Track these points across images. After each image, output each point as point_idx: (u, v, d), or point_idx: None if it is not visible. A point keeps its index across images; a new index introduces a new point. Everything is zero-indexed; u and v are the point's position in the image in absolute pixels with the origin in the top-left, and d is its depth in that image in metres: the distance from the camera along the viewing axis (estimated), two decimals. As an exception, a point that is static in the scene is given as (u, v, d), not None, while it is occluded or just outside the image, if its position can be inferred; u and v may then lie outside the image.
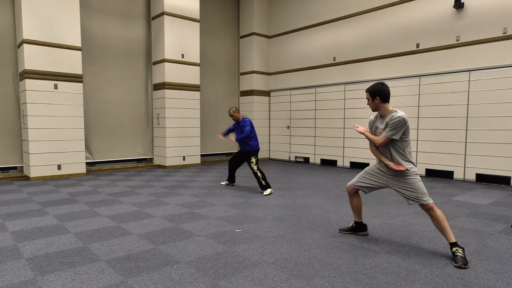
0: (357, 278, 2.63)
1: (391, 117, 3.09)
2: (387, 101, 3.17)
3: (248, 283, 2.54)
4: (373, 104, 3.20)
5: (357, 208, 3.56)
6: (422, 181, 3.16)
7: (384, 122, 3.16)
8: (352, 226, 3.67)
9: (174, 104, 9.06)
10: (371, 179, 3.36)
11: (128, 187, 6.35)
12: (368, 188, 3.41)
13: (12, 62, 7.42)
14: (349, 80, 9.01)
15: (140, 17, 9.18)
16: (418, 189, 3.08)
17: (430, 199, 3.08)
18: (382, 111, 3.20)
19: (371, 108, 3.25)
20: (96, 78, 8.46)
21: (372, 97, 3.19)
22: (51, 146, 7.24)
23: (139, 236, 3.60)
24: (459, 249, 2.93)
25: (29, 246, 3.30)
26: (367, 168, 3.44)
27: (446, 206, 4.95)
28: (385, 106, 3.18)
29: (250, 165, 5.88)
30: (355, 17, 8.82)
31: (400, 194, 3.21)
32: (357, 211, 3.57)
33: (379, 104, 3.18)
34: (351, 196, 3.55)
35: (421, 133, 7.67)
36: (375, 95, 3.16)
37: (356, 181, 3.46)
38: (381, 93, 3.14)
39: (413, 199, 3.11)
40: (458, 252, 2.91)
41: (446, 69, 7.26)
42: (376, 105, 3.19)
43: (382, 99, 3.15)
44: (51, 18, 7.11)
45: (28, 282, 2.56)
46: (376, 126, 3.27)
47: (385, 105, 3.17)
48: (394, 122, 3.05)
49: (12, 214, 4.46)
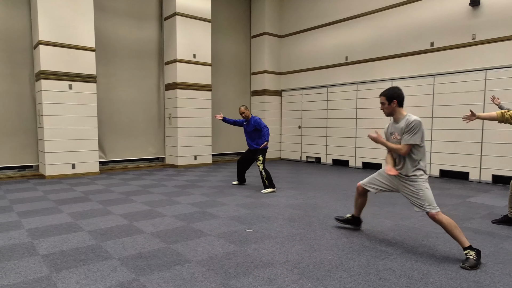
0: (369, 279, 2.60)
1: (406, 121, 3.07)
2: (402, 106, 3.17)
3: (259, 283, 2.54)
4: (389, 108, 3.18)
5: (360, 206, 3.69)
6: (430, 188, 3.11)
7: (399, 128, 3.12)
8: (348, 218, 3.82)
9: (186, 104, 9.12)
10: (383, 181, 3.38)
11: (140, 186, 6.42)
12: (379, 190, 3.45)
13: (29, 63, 7.59)
14: (361, 79, 8.92)
15: (152, 18, 9.27)
16: (424, 196, 3.04)
17: (435, 209, 3.00)
18: (397, 116, 3.18)
19: (386, 112, 3.22)
20: (109, 78, 8.58)
21: (389, 101, 3.16)
22: (65, 146, 7.37)
23: (151, 234, 3.63)
24: (471, 251, 2.88)
25: (44, 243, 3.36)
26: (381, 170, 3.44)
27: (461, 207, 4.85)
28: (400, 111, 3.17)
29: (257, 163, 5.95)
30: (368, 16, 8.73)
31: (408, 199, 3.21)
32: (359, 208, 3.70)
33: (396, 108, 3.16)
34: (359, 194, 3.64)
35: (435, 133, 7.54)
36: (392, 98, 3.14)
37: (368, 182, 3.50)
38: (399, 97, 3.13)
39: (418, 206, 3.09)
40: (470, 255, 2.86)
41: (462, 68, 7.12)
42: (393, 109, 3.17)
43: (399, 103, 3.14)
44: (66, 20, 7.24)
45: (43, 278, 2.61)
46: (391, 132, 3.24)
47: (400, 109, 3.17)
48: (411, 126, 3.01)
49: (28, 211, 4.55)
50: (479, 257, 2.87)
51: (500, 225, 4.02)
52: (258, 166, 5.95)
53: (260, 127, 6.01)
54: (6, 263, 2.88)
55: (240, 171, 6.48)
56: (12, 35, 7.35)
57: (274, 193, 5.75)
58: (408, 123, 3.04)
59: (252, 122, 6.07)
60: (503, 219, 4.05)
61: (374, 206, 4.87)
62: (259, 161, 5.92)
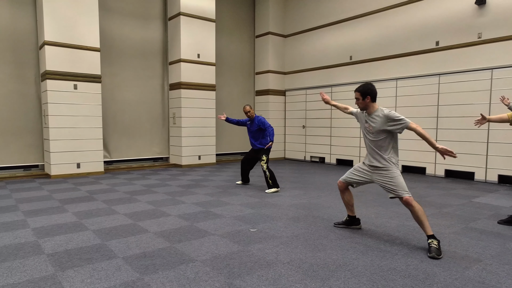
0: (374, 280, 2.59)
1: (383, 114, 3.30)
2: (375, 101, 3.45)
3: (262, 282, 2.54)
4: (363, 103, 3.44)
5: (348, 203, 3.81)
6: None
7: (375, 120, 3.37)
8: (346, 220, 3.90)
9: (190, 103, 9.13)
10: (358, 175, 3.63)
11: (144, 186, 6.44)
12: (356, 183, 3.67)
13: (34, 63, 7.64)
14: (365, 79, 8.88)
15: (156, 18, 9.30)
16: (397, 183, 3.29)
17: (407, 193, 3.24)
18: (370, 110, 3.45)
19: (360, 107, 3.51)
20: (114, 78, 8.62)
21: (363, 97, 3.42)
22: (70, 145, 7.42)
23: (155, 234, 3.64)
24: (434, 241, 3.11)
25: (49, 242, 3.39)
26: (355, 165, 3.74)
27: (467, 208, 4.81)
28: (373, 105, 3.44)
29: (260, 162, 5.96)
30: (372, 15, 8.69)
31: (382, 187, 3.43)
32: (349, 206, 3.82)
33: (369, 103, 3.42)
34: (342, 192, 3.81)
35: (440, 132, 7.49)
36: (366, 94, 3.40)
37: (346, 176, 3.74)
38: (372, 92, 3.40)
39: (392, 192, 3.32)
40: (433, 243, 3.09)
41: (467, 67, 7.07)
42: (366, 104, 3.43)
43: (372, 99, 3.41)
44: (71, 20, 7.28)
45: (48, 277, 2.63)
46: (366, 120, 3.49)
47: (373, 104, 3.44)
48: (392, 115, 3.26)
49: (33, 211, 4.59)
50: (440, 246, 3.10)
51: (506, 225, 3.99)
52: (261, 166, 5.93)
53: (265, 127, 6.00)
54: (12, 261, 2.91)
55: (244, 171, 6.49)
56: (18, 35, 7.41)
57: (278, 193, 5.74)
58: (387, 114, 3.28)
59: (256, 121, 6.06)
60: (509, 219, 4.02)
61: (379, 206, 4.85)
62: (263, 161, 5.92)
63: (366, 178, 3.56)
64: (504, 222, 4.05)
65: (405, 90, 8.06)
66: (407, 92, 8.00)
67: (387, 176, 3.33)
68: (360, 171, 3.61)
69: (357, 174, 3.63)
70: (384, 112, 3.31)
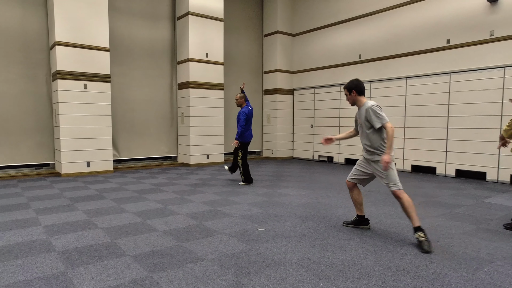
0: (383, 280, 2.57)
1: (365, 108, 3.44)
2: (362, 94, 3.55)
3: (270, 282, 2.54)
4: (351, 98, 3.58)
5: (357, 201, 3.80)
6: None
7: (362, 115, 3.50)
8: (354, 219, 3.88)
9: (198, 103, 9.17)
10: (360, 170, 3.69)
11: (153, 185, 6.48)
12: (361, 179, 3.71)
13: (45, 63, 7.75)
14: (375, 78, 8.81)
15: (165, 18, 9.35)
16: (387, 175, 3.39)
17: (398, 187, 3.35)
18: (359, 104, 3.57)
19: (350, 102, 3.61)
20: (123, 78, 8.69)
21: (349, 92, 3.56)
22: (81, 144, 7.50)
23: (164, 232, 3.66)
24: (420, 233, 3.21)
25: (60, 240, 3.43)
26: (358, 161, 3.78)
27: (478, 208, 4.74)
28: (360, 99, 3.56)
29: (236, 158, 6.37)
30: (382, 14, 8.61)
31: (378, 177, 3.54)
32: (358, 205, 3.81)
33: (356, 97, 3.55)
34: (350, 190, 3.82)
35: (451, 132, 7.39)
36: (351, 89, 3.54)
37: (351, 174, 3.78)
38: (357, 87, 3.52)
39: (385, 183, 3.43)
40: (421, 237, 3.19)
41: (479, 65, 6.96)
42: (353, 98, 3.57)
43: (357, 92, 3.53)
44: (81, 21, 7.36)
45: (59, 274, 2.66)
46: (357, 118, 3.63)
47: (360, 97, 3.55)
48: (373, 110, 3.37)
49: (45, 209, 4.66)
50: (427, 236, 3.21)
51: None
52: (237, 161, 6.33)
53: (237, 122, 6.28)
54: (24, 258, 2.95)
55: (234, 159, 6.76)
56: (29, 36, 7.52)
57: (286, 193, 5.73)
58: (367, 108, 3.41)
59: (240, 112, 6.34)
60: None
61: (388, 206, 4.81)
62: (239, 157, 6.30)
63: (367, 171, 3.63)
64: (509, 226, 3.84)
65: (415, 89, 7.97)
66: (417, 91, 7.91)
67: (379, 169, 3.45)
68: (360, 165, 3.70)
69: (359, 170, 3.70)
70: (368, 105, 3.43)
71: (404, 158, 8.27)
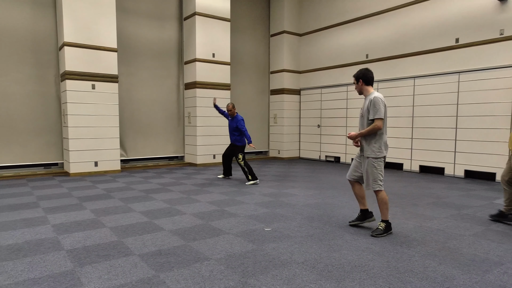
0: (390, 281, 2.55)
1: (369, 98, 3.52)
2: (369, 84, 3.62)
3: (277, 282, 2.53)
4: (358, 87, 3.67)
5: (359, 195, 3.86)
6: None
7: (365, 103, 3.58)
8: (358, 216, 3.92)
9: (205, 103, 9.19)
10: (356, 165, 3.78)
11: (160, 184, 6.52)
12: (359, 177, 3.77)
13: (54, 64, 7.83)
14: (382, 77, 8.74)
15: (172, 18, 9.39)
16: (370, 173, 3.54)
17: (378, 187, 3.51)
18: (365, 93, 3.65)
19: (358, 91, 3.70)
20: (130, 78, 8.75)
21: (356, 81, 3.65)
22: (88, 144, 7.57)
23: (170, 232, 3.68)
24: (382, 224, 3.54)
25: (68, 238, 3.47)
26: (355, 157, 3.88)
27: (487, 209, 4.68)
28: (367, 88, 3.63)
29: (237, 161, 6.59)
30: (389, 13, 8.55)
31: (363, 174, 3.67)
32: (360, 199, 3.87)
33: (362, 87, 3.64)
34: (352, 185, 3.91)
35: (460, 132, 7.31)
36: (358, 78, 3.62)
37: (350, 172, 3.86)
38: (364, 76, 3.59)
39: (365, 181, 3.59)
40: (380, 225, 3.55)
41: (489, 64, 6.87)
42: (360, 87, 3.65)
43: (364, 82, 3.60)
44: (89, 22, 7.43)
45: (67, 272, 2.69)
46: (363, 106, 3.68)
47: (367, 87, 3.63)
48: (373, 101, 3.47)
49: (53, 208, 4.71)
50: (387, 229, 3.53)
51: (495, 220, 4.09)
52: (239, 164, 6.54)
53: (241, 130, 6.57)
54: (33, 257, 2.99)
55: (225, 163, 7.11)
56: (38, 37, 7.61)
57: (293, 193, 5.72)
58: (371, 99, 3.50)
59: (235, 121, 6.61)
60: (500, 214, 4.11)
61: (396, 207, 4.77)
62: (239, 159, 6.56)
63: (361, 168, 3.72)
64: (494, 216, 4.14)
65: (423, 88, 7.89)
66: (426, 91, 7.84)
67: (365, 165, 3.58)
68: (356, 160, 3.80)
69: (355, 166, 3.79)
70: (373, 95, 3.52)
71: (412, 158, 8.20)
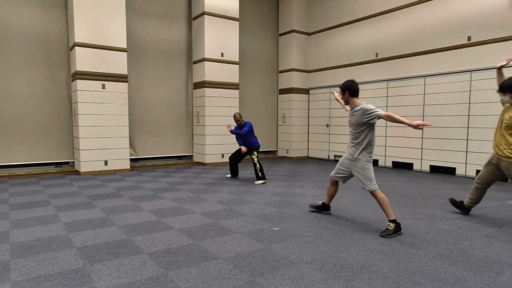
0: (399, 282, 2.52)
1: (362, 108, 3.60)
2: (355, 96, 3.74)
3: (285, 281, 2.53)
4: (344, 98, 3.80)
5: (330, 194, 4.25)
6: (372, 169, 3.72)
7: (355, 113, 3.70)
8: (319, 205, 4.41)
9: (214, 102, 9.22)
10: (342, 168, 3.96)
11: (168, 183, 6.56)
12: (343, 177, 4.01)
13: (65, 64, 7.94)
14: (392, 76, 8.66)
15: (181, 18, 9.43)
16: (364, 174, 3.67)
17: (373, 187, 3.63)
18: (351, 104, 3.78)
19: (344, 101, 3.85)
20: (139, 78, 8.82)
21: (343, 92, 3.78)
22: (99, 143, 7.66)
23: (179, 231, 3.70)
24: (391, 224, 3.53)
25: (79, 236, 3.51)
26: (340, 159, 4.07)
27: (499, 211, 4.60)
28: (353, 100, 3.75)
29: (251, 156, 6.76)
30: (399, 11, 8.45)
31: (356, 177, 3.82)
32: (330, 197, 4.27)
33: (349, 98, 3.76)
34: (331, 184, 4.20)
35: (472, 131, 7.19)
36: (344, 90, 3.75)
37: (335, 172, 4.08)
38: (350, 88, 3.71)
39: (361, 183, 3.70)
40: (389, 226, 3.52)
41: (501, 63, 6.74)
42: (347, 98, 3.78)
43: (350, 94, 3.73)
44: (99, 22, 7.51)
45: (78, 270, 2.72)
46: (350, 117, 3.80)
47: (353, 99, 3.75)
48: (367, 107, 3.56)
49: (64, 206, 4.78)
50: (397, 229, 3.52)
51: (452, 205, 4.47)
52: (253, 159, 6.74)
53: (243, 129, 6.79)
54: (45, 254, 3.04)
55: (232, 164, 7.28)
56: (50, 38, 7.72)
57: (301, 192, 5.70)
58: (363, 107, 3.59)
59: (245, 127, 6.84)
60: (458, 203, 4.42)
61: (405, 207, 4.72)
62: (254, 155, 6.76)
63: (348, 170, 3.90)
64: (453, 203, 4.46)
65: (434, 87, 7.79)
66: (436, 90, 7.73)
67: (357, 168, 3.72)
68: (342, 164, 3.96)
69: (341, 168, 3.97)
70: (361, 105, 3.62)
71: (422, 158, 8.10)
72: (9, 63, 7.31)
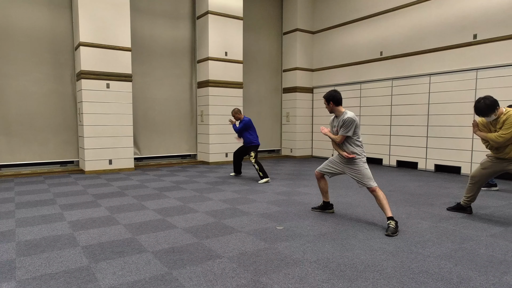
0: (404, 282, 2.51)
1: (342, 118, 3.81)
2: (339, 104, 3.90)
3: (289, 281, 2.52)
4: (329, 108, 3.94)
5: (323, 190, 4.32)
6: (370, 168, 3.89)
7: (338, 122, 3.89)
8: (320, 205, 4.44)
9: (218, 101, 9.22)
10: (333, 166, 4.12)
11: (173, 182, 6.58)
12: (330, 173, 4.16)
13: (70, 63, 7.99)
14: (397, 75, 8.61)
15: (185, 17, 9.45)
16: (364, 174, 3.79)
17: (373, 184, 3.76)
18: (337, 113, 3.94)
19: (328, 111, 3.97)
20: (144, 77, 8.85)
21: (327, 102, 3.91)
22: (103, 142, 7.70)
23: (183, 230, 3.71)
24: (392, 221, 3.58)
25: (84, 235, 3.53)
26: (331, 157, 4.21)
27: (506, 210, 4.56)
28: (338, 109, 3.91)
29: (249, 157, 6.69)
30: (404, 9, 8.40)
31: (352, 178, 3.94)
32: (324, 193, 4.33)
33: (334, 107, 3.90)
34: (318, 180, 4.30)
35: (477, 130, 7.13)
36: (329, 100, 3.88)
37: (322, 167, 4.22)
38: (334, 98, 3.85)
39: (360, 182, 3.82)
40: (391, 224, 3.56)
41: (508, 61, 6.68)
42: (331, 108, 3.92)
43: (334, 103, 3.87)
44: (104, 22, 7.54)
45: (83, 268, 2.74)
46: (334, 125, 4.01)
47: (338, 107, 3.90)
48: (345, 122, 3.78)
49: (69, 205, 4.81)
50: (397, 226, 3.58)
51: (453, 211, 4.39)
52: (251, 161, 6.75)
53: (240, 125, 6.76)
54: (50, 252, 3.06)
55: (235, 161, 7.30)
56: (56, 37, 7.77)
57: (305, 191, 5.69)
58: (344, 119, 3.79)
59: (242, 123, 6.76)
60: (456, 207, 4.41)
61: (410, 207, 4.70)
62: (251, 157, 6.66)
63: (339, 169, 4.04)
64: (452, 209, 4.45)
65: (439, 86, 7.73)
66: (442, 88, 7.68)
67: (354, 168, 3.85)
68: (334, 163, 4.10)
69: (332, 166, 4.11)
70: (345, 116, 3.80)
71: (427, 157, 8.05)
72: (18, 62, 7.38)
